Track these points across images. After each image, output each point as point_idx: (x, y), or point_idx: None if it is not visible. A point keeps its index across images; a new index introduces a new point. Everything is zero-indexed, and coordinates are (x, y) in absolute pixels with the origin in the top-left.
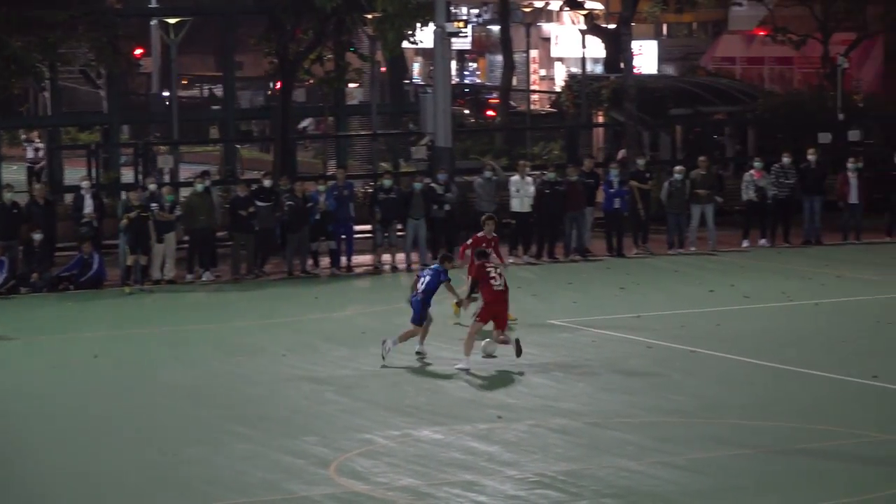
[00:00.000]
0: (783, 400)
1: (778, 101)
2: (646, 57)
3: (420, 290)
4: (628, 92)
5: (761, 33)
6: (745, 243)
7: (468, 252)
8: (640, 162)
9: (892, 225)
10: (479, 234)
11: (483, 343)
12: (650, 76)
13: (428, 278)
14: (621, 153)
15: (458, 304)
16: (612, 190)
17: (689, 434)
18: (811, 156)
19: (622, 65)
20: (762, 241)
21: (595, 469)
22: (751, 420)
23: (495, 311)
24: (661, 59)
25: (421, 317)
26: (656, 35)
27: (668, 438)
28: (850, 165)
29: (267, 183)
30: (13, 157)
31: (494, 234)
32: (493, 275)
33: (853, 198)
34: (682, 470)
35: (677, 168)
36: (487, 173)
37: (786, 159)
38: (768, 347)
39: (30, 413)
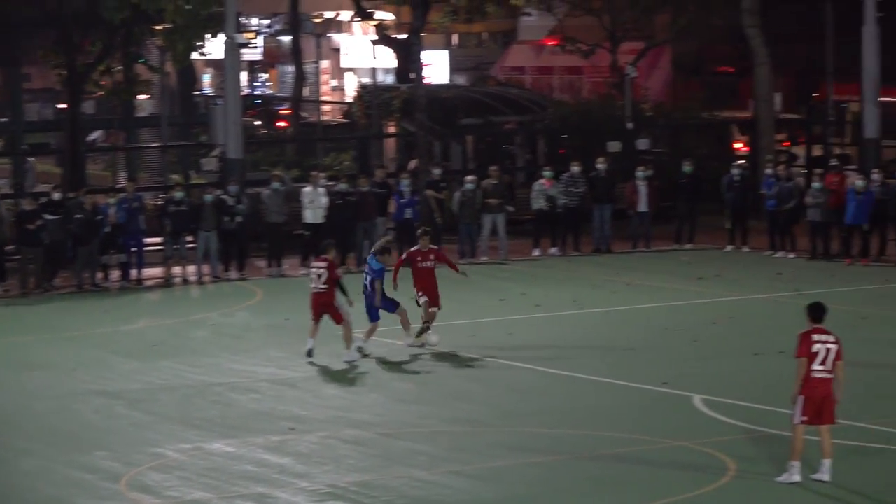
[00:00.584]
0: (576, 408)
1: (567, 110)
2: (437, 67)
3: (369, 291)
4: (419, 102)
5: (551, 43)
6: (536, 252)
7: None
8: (436, 171)
9: (680, 232)
10: (414, 249)
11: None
12: (441, 86)
13: (369, 277)
14: (413, 163)
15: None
16: (403, 200)
17: (482, 443)
18: (600, 164)
19: (413, 75)
20: (553, 250)
21: (387, 479)
22: (544, 428)
23: None
24: (452, 69)
25: (378, 313)
26: (447, 45)
27: (460, 448)
28: (638, 174)
29: (56, 196)
30: None
31: (432, 246)
32: None
33: (642, 206)
34: (474, 479)
35: (468, 178)
36: (275, 184)
37: (575, 168)
38: (560, 355)
39: None
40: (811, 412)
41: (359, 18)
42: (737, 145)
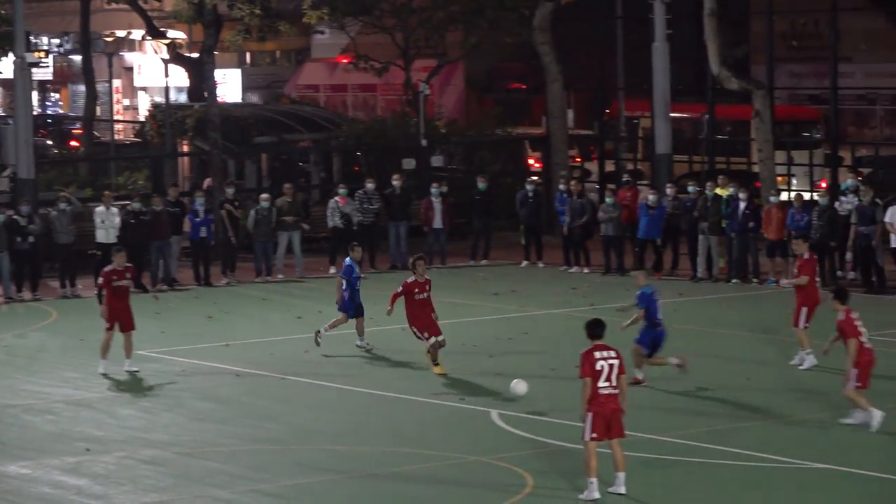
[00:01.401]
0: (375, 424)
1: (362, 127)
2: (230, 85)
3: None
4: (212, 121)
5: (344, 61)
6: (333, 270)
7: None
8: (230, 190)
9: (475, 249)
10: (411, 280)
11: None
12: (235, 105)
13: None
14: (207, 182)
15: None
16: (197, 219)
17: (282, 461)
18: (395, 182)
19: (206, 94)
20: None
21: (187, 499)
22: (343, 445)
23: None
24: (246, 88)
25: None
26: (240, 63)
27: (260, 466)
28: (433, 191)
29: None
30: None
31: (428, 277)
32: None
33: (437, 223)
34: (275, 497)
35: (263, 196)
36: (62, 205)
37: (370, 185)
38: (359, 373)
39: None
40: (600, 428)
41: (151, 37)
42: (530, 162)
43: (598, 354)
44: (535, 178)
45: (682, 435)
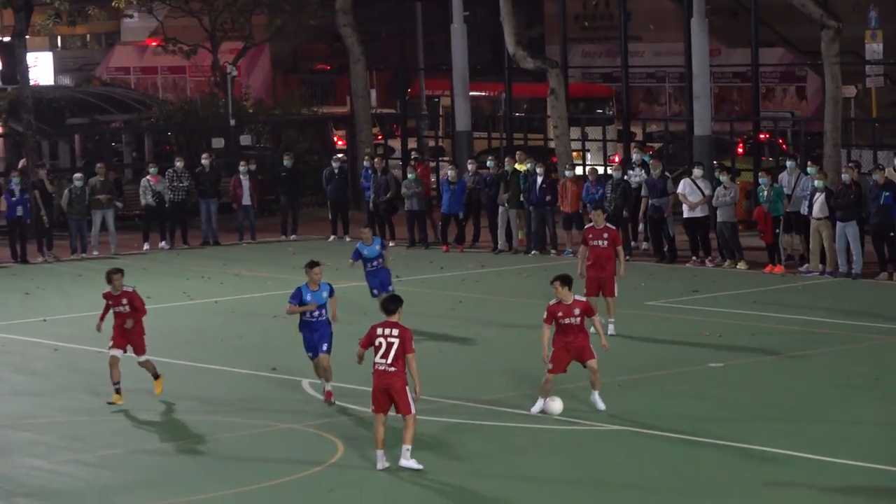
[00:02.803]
0: (190, 395)
1: (172, 108)
2: (42, 68)
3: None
4: (25, 103)
5: (153, 44)
6: (146, 246)
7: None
8: (42, 171)
9: (284, 224)
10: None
11: None
12: (47, 87)
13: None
14: (22, 162)
15: None
16: (13, 198)
17: (98, 432)
18: (205, 160)
19: (18, 77)
20: (162, 244)
21: (7, 469)
22: (159, 416)
23: None
24: (57, 71)
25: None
26: (51, 47)
27: (77, 437)
28: (241, 168)
29: None
30: None
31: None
32: None
33: (246, 199)
34: (92, 466)
35: (76, 175)
36: None
37: (179, 164)
38: (172, 346)
39: None
40: (374, 402)
41: None
42: (335, 140)
43: (380, 330)
44: (340, 155)
45: (488, 401)
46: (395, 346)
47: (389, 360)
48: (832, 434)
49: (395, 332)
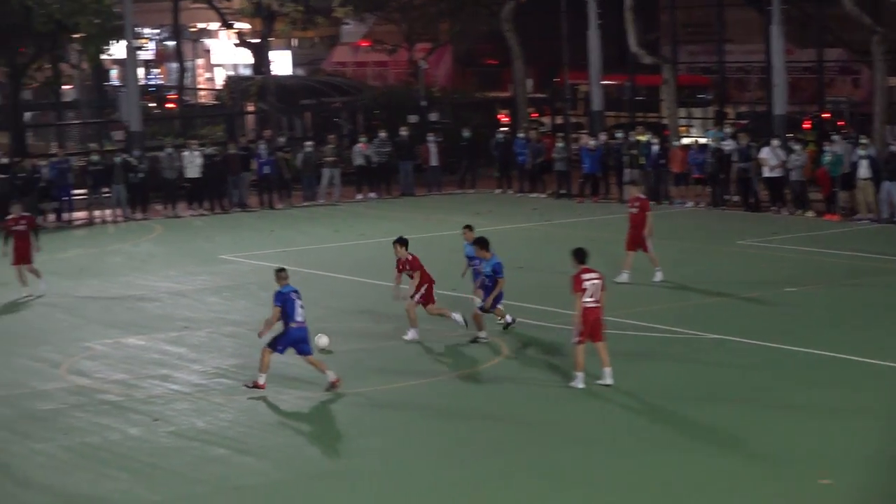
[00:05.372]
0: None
1: (378, 92)
2: (282, 62)
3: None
4: (270, 88)
5: (364, 44)
6: (359, 196)
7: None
8: (282, 139)
9: (463, 181)
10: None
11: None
12: (286, 76)
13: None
14: (267, 132)
15: None
16: (262, 160)
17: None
18: (403, 132)
19: (264, 68)
20: (371, 195)
21: (257, 362)
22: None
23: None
24: (294, 64)
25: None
26: (289, 46)
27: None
28: (430, 138)
29: (4, 160)
30: None
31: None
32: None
33: (433, 161)
34: (322, 359)
35: (307, 143)
36: (168, 149)
37: (383, 134)
38: (377, 271)
39: None
40: (586, 333)
41: (224, 28)
42: (500, 117)
43: (585, 276)
44: (504, 129)
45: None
46: (598, 287)
47: (596, 298)
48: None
49: (595, 275)
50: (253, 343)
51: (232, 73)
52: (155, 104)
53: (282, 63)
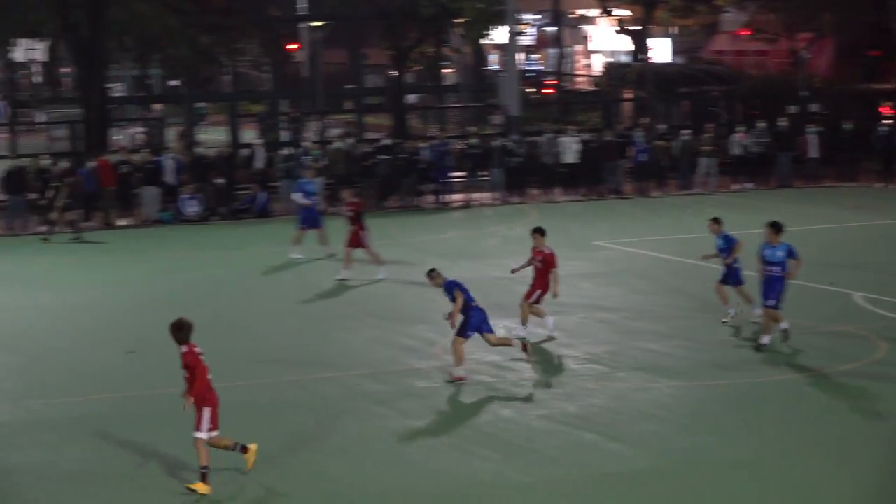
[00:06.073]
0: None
1: (757, 82)
2: (660, 50)
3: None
4: (648, 76)
5: (744, 33)
6: (736, 186)
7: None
8: (662, 127)
9: (842, 173)
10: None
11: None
12: (664, 64)
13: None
14: (644, 120)
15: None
16: (638, 147)
17: (697, 325)
18: (782, 122)
19: (643, 56)
20: (747, 185)
21: (628, 350)
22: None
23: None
24: (672, 52)
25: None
26: (668, 34)
27: (682, 328)
28: (810, 129)
29: (386, 141)
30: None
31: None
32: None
33: (813, 153)
34: (694, 351)
35: (684, 131)
36: (548, 134)
37: (761, 124)
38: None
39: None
40: None
41: (603, 14)
42: (883, 110)
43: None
44: (887, 121)
45: None
46: None
47: None
48: None
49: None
50: (626, 331)
51: (610, 59)
52: (533, 89)
53: (661, 50)
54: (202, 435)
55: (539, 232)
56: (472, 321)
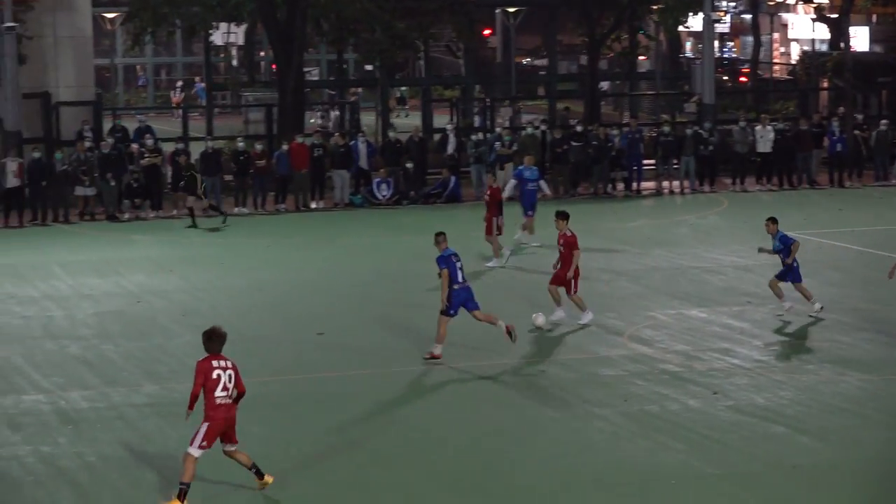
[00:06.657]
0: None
1: None
2: (860, 38)
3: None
4: (846, 64)
5: None
6: None
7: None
8: (859, 116)
9: None
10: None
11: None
12: (863, 53)
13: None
14: (841, 110)
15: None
16: (834, 137)
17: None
18: None
19: (842, 44)
20: None
21: (819, 342)
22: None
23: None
24: (872, 41)
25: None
26: (868, 22)
27: (875, 321)
28: None
29: (579, 128)
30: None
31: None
32: None
33: None
34: (886, 345)
35: (883, 121)
36: (742, 123)
37: None
38: None
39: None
40: None
41: (802, 1)
42: None
43: None
44: None
45: None
46: None
47: None
48: None
49: None
50: (816, 322)
51: (808, 48)
52: (728, 77)
53: (860, 39)
54: (193, 451)
55: (561, 216)
56: (455, 300)
